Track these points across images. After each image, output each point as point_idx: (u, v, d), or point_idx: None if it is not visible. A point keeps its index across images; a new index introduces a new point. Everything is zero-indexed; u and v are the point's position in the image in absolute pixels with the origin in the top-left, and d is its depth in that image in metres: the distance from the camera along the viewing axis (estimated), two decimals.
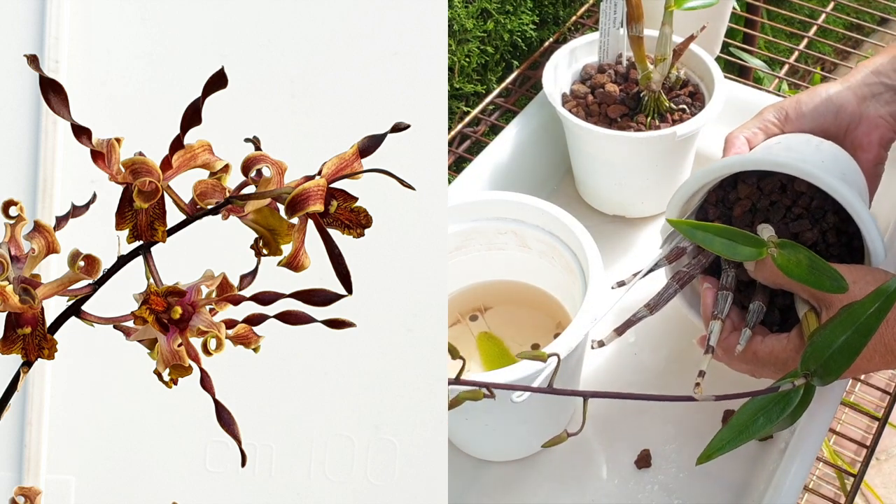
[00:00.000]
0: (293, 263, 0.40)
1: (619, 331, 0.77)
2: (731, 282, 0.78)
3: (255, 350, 0.44)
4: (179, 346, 0.40)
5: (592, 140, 0.97)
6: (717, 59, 1.19)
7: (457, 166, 1.11)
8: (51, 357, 0.41)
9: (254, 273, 0.45)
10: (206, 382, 0.42)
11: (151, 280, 0.42)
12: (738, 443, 0.61)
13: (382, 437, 0.75)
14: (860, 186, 0.82)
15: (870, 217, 0.74)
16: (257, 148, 0.42)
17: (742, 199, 0.82)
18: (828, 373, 0.62)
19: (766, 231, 0.76)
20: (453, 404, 0.52)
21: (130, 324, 0.42)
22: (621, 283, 0.79)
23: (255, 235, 0.42)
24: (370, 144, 0.40)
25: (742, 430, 0.62)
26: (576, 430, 0.54)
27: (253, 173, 0.41)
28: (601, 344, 0.75)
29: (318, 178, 0.40)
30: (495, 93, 1.16)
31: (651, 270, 0.80)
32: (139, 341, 0.43)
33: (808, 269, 0.68)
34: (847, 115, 0.84)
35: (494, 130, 1.10)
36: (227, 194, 0.42)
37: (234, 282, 0.44)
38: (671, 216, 0.83)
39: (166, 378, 0.41)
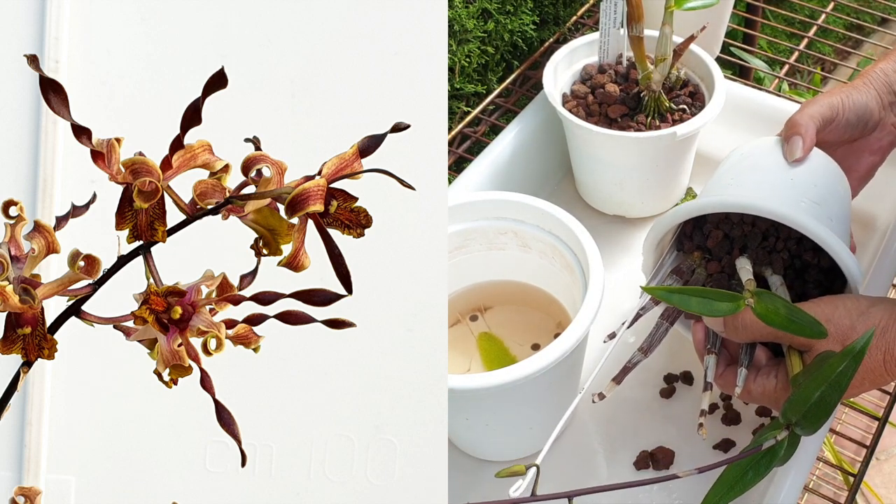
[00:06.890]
0: (293, 263, 0.40)
1: (618, 380, 0.76)
2: None
3: (255, 350, 0.44)
4: (179, 346, 0.40)
5: (592, 140, 0.97)
6: (717, 59, 1.19)
7: (457, 166, 1.11)
8: (51, 357, 0.41)
9: (254, 273, 0.45)
10: (206, 382, 0.42)
11: (151, 280, 0.42)
12: (730, 498, 0.63)
13: (382, 437, 0.75)
14: (838, 194, 0.80)
15: (837, 242, 0.73)
16: (257, 148, 0.42)
17: (713, 231, 0.82)
18: (809, 424, 0.63)
19: (745, 272, 0.75)
20: None
21: (130, 324, 0.42)
22: (612, 336, 0.78)
23: (255, 235, 0.42)
24: (370, 144, 0.40)
25: (732, 486, 0.64)
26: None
27: (253, 173, 0.41)
28: (601, 396, 0.74)
29: (318, 178, 0.40)
30: (495, 93, 1.16)
31: (637, 318, 0.79)
32: (139, 341, 0.43)
33: (786, 318, 0.68)
34: (873, 123, 0.84)
35: (495, 130, 1.10)
36: (227, 194, 0.42)
37: (234, 282, 0.44)
38: (647, 263, 0.83)
39: (166, 378, 0.41)
